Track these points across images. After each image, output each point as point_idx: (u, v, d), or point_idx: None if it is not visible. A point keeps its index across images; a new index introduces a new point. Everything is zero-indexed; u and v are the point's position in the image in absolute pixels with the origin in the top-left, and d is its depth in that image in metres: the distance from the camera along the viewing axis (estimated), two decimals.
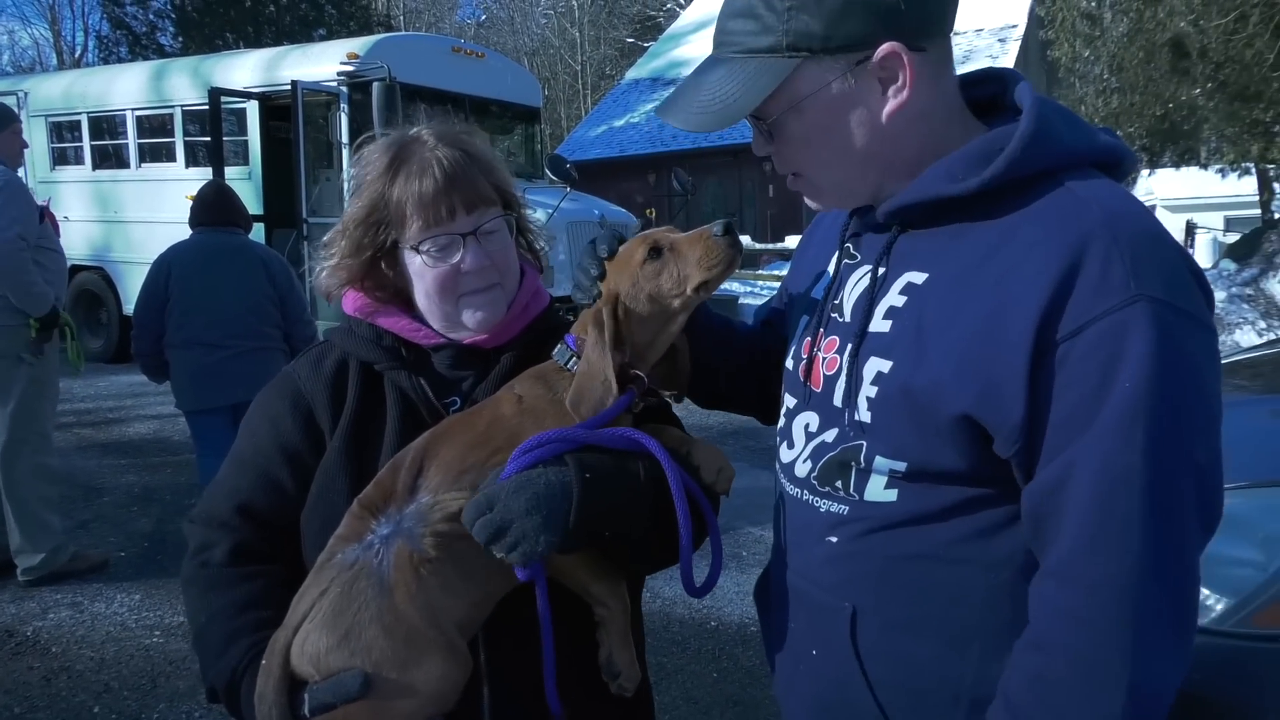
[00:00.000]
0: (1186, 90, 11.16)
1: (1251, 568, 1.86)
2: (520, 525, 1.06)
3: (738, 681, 3.54)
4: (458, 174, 1.25)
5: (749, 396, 1.42)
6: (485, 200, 1.28)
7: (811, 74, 1.03)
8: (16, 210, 4.15)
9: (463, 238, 1.25)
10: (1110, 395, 0.90)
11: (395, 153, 1.27)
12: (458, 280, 1.26)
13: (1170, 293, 0.92)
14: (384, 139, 1.31)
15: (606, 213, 9.47)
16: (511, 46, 39.97)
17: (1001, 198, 1.01)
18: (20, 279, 4.17)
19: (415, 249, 1.25)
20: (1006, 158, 1.00)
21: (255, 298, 4.34)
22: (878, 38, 1.01)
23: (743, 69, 1.05)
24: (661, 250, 1.22)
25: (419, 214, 1.24)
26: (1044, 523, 0.96)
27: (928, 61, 1.04)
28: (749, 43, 1.05)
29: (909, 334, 1.03)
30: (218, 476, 1.35)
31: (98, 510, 5.49)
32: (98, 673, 3.55)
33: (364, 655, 1.08)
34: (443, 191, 1.23)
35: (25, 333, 4.25)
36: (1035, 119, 1.01)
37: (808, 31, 1.01)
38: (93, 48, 31.26)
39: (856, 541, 1.08)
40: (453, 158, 1.25)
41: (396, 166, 1.26)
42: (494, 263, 1.28)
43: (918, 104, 1.04)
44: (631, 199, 18.34)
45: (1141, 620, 0.90)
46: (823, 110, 1.05)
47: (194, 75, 9.98)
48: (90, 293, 10.52)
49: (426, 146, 1.26)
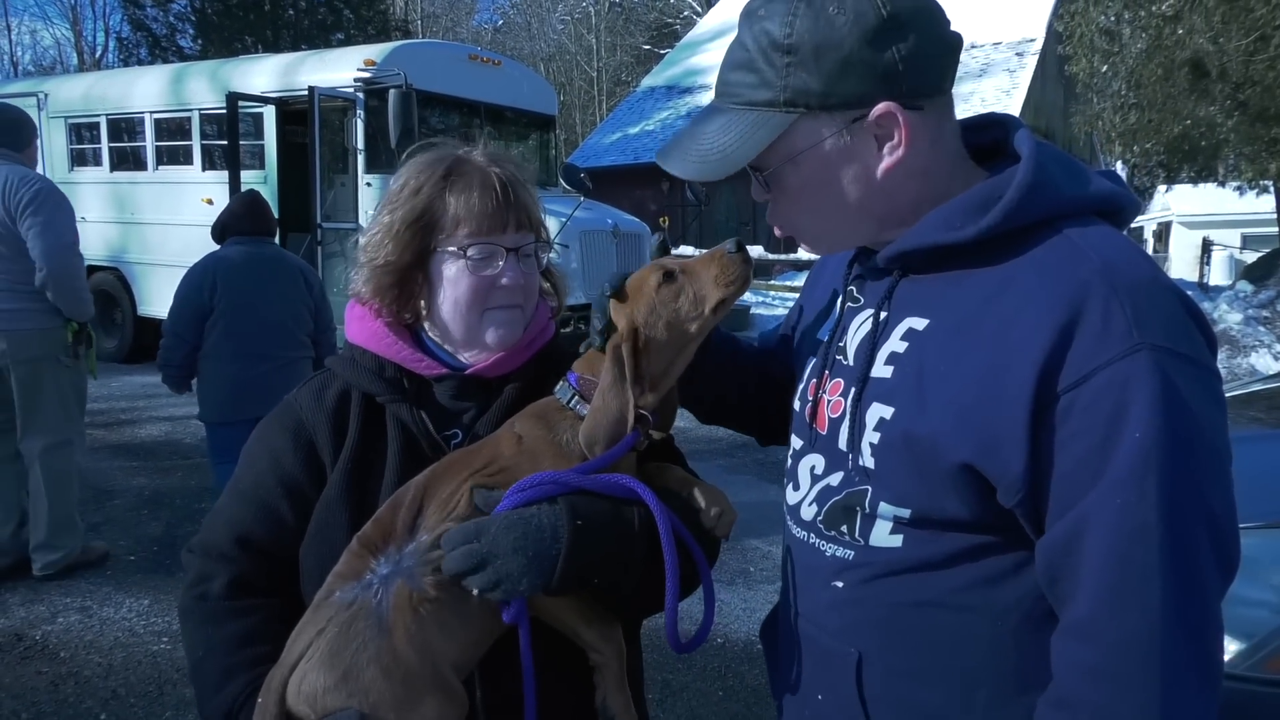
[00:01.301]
0: (1205, 108, 11.11)
1: (1266, 609, 1.83)
2: (505, 563, 1.06)
3: (743, 700, 3.52)
4: (514, 192, 1.28)
5: (749, 417, 1.42)
6: (532, 224, 1.31)
7: (808, 129, 1.04)
8: (67, 217, 4.29)
9: (506, 252, 1.28)
10: (1119, 446, 0.89)
11: (451, 164, 1.29)
12: (490, 292, 1.28)
13: (1172, 339, 0.92)
14: (432, 150, 1.33)
15: (620, 222, 9.47)
16: (528, 52, 40.15)
17: (1000, 245, 1.01)
18: (75, 285, 4.30)
19: (460, 252, 1.26)
20: (1003, 208, 1.00)
21: (296, 307, 4.38)
22: (874, 97, 1.01)
23: (741, 121, 1.06)
24: (675, 274, 1.21)
25: (473, 221, 1.26)
26: (1060, 579, 0.95)
27: (925, 119, 1.04)
28: (748, 95, 1.05)
29: (910, 381, 1.03)
30: (217, 506, 1.35)
31: (108, 513, 5.52)
32: (105, 679, 3.56)
33: (362, 696, 1.08)
34: (501, 205, 1.27)
35: (63, 335, 4.36)
36: (1033, 169, 1.01)
37: (805, 89, 1.02)
38: (113, 49, 31.52)
39: (862, 587, 1.08)
40: (509, 177, 1.29)
41: (452, 178, 1.28)
42: (525, 284, 1.30)
43: (914, 161, 1.04)
44: (645, 207, 18.35)
45: (1168, 674, 0.89)
46: (818, 165, 1.06)
47: (212, 79, 10.05)
48: (106, 293, 10.58)
49: (483, 164, 1.29)
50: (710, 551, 1.24)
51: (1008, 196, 1.00)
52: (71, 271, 4.26)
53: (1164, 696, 0.89)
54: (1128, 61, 12.02)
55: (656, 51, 36.17)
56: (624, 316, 1.21)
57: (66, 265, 4.22)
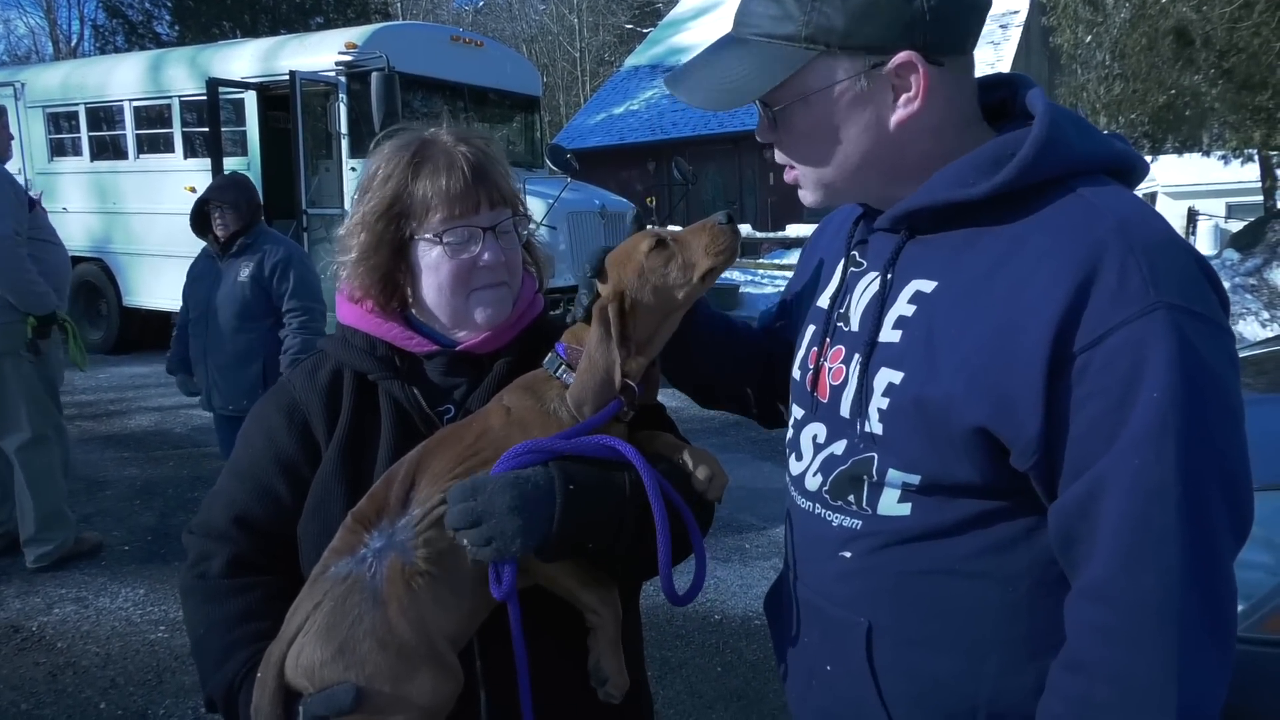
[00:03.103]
0: (1189, 77, 11.10)
1: (1262, 571, 1.84)
2: (499, 522, 1.06)
3: (742, 675, 3.54)
4: (483, 170, 1.27)
5: (748, 400, 1.41)
6: (505, 199, 1.30)
7: (825, 69, 1.03)
8: (5, 204, 4.04)
9: (483, 231, 1.27)
10: (1135, 406, 0.88)
11: (417, 149, 1.28)
12: (472, 273, 1.27)
13: (1188, 298, 0.91)
14: (399, 136, 1.32)
15: (607, 202, 9.43)
16: (509, 33, 39.82)
17: (1012, 204, 1.00)
18: (17, 277, 4.09)
19: (436, 238, 1.25)
20: (1018, 163, 0.99)
21: None
22: (897, 45, 1.00)
23: (758, 53, 1.04)
24: (665, 241, 1.22)
25: (444, 206, 1.25)
26: (1075, 541, 0.94)
27: (944, 76, 1.03)
28: (769, 27, 1.04)
29: (919, 345, 1.02)
30: (215, 488, 1.36)
31: (100, 504, 5.49)
32: (103, 668, 3.56)
33: (358, 669, 1.09)
34: (470, 185, 1.25)
35: (22, 329, 4.20)
36: (1048, 124, 1.00)
37: (829, 26, 1.00)
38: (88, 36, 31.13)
39: (871, 556, 1.07)
40: (476, 155, 1.27)
41: (419, 161, 1.27)
42: (506, 261, 1.29)
43: (928, 117, 1.03)
44: (631, 187, 18.29)
45: (1185, 636, 0.88)
46: (830, 107, 1.04)
47: (191, 65, 9.92)
48: (90, 284, 10.50)
49: (449, 144, 1.28)
50: (704, 516, 1.25)
51: (1023, 152, 0.99)
52: (11, 264, 4.05)
53: (1180, 657, 0.88)
54: (1112, 32, 12.00)
55: (639, 30, 35.92)
56: (611, 280, 1.22)
57: (4, 257, 4.03)
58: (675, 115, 21.14)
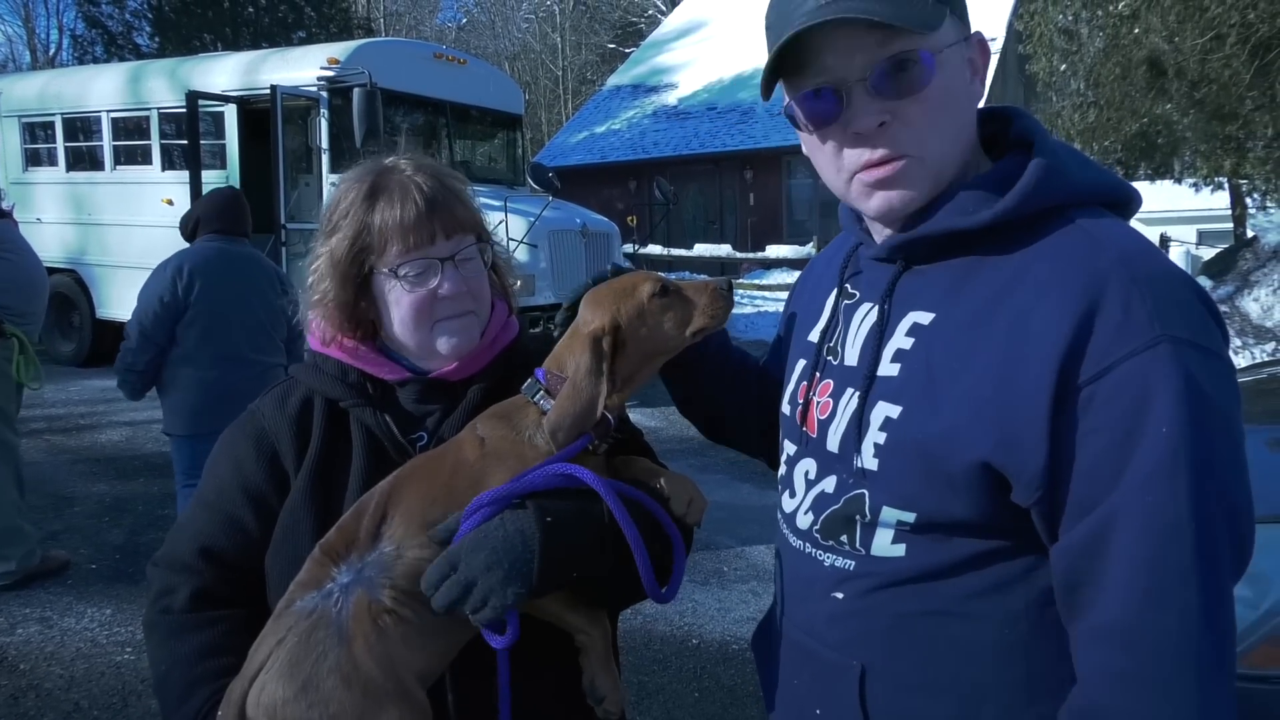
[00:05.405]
0: (1161, 106, 11.27)
1: (1243, 605, 1.83)
2: (484, 582, 1.04)
3: (719, 701, 3.52)
4: (437, 200, 1.25)
5: (753, 439, 1.40)
6: (463, 227, 1.28)
7: (952, 27, 1.01)
8: None
9: (441, 263, 1.25)
10: (1143, 441, 0.87)
11: (373, 181, 1.27)
12: (434, 306, 1.26)
13: (1192, 331, 0.90)
14: (356, 169, 1.31)
15: (588, 221, 9.43)
16: (492, 50, 39.93)
17: (1011, 234, 0.99)
18: None
19: (393, 272, 1.24)
20: (1020, 191, 0.98)
21: (273, 311, 4.10)
22: (969, 26, 1.01)
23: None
24: (669, 290, 1.24)
25: (399, 238, 1.23)
26: (1083, 583, 0.91)
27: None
28: None
29: (919, 379, 1.00)
30: (181, 519, 1.33)
31: (68, 520, 5.39)
32: (67, 691, 3.47)
33: (321, 707, 1.06)
34: (424, 216, 1.24)
35: None
36: (1048, 152, 1.00)
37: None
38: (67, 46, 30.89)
39: (864, 598, 1.05)
40: (432, 185, 1.26)
41: (375, 194, 1.26)
42: (470, 289, 1.28)
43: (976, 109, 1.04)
44: (613, 206, 18.34)
45: (1203, 676, 0.86)
46: (954, 69, 1.01)
47: (171, 78, 9.85)
48: (63, 295, 10.34)
49: (404, 173, 1.27)
50: (684, 540, 1.24)
51: (1025, 179, 0.98)
52: None
53: (1201, 700, 0.86)
54: (1086, 60, 12.17)
55: (621, 50, 36.11)
56: (609, 312, 1.21)
57: None
58: (657, 135, 21.25)
